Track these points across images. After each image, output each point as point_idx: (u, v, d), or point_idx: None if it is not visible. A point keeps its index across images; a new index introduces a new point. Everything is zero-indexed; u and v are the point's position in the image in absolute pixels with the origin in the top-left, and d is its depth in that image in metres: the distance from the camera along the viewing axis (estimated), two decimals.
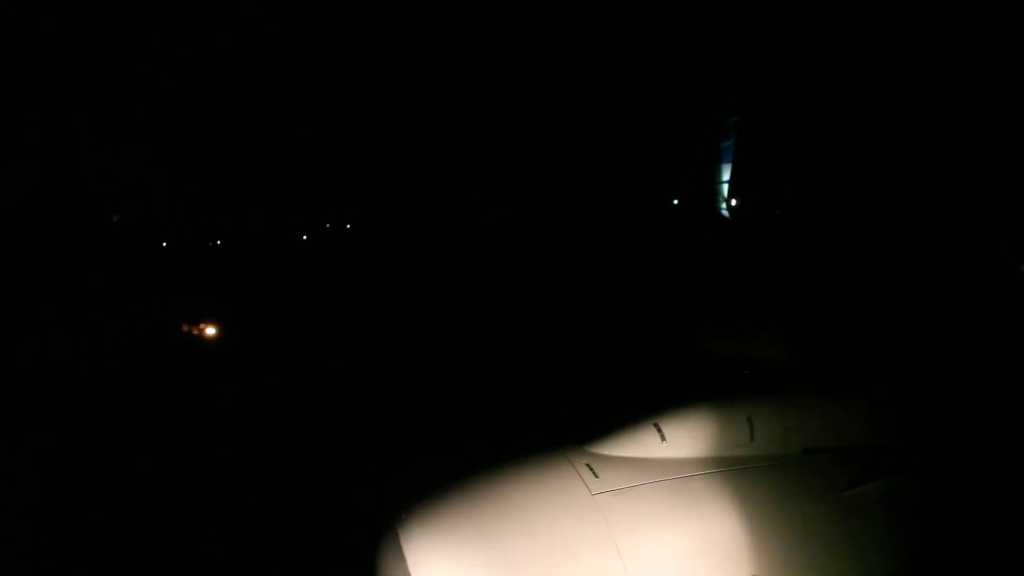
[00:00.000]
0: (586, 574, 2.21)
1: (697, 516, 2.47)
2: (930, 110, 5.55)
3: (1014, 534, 2.76)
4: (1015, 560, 2.71)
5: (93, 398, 7.28)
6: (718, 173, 17.43)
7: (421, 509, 2.34)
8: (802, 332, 5.15)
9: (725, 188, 17.07)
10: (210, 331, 10.74)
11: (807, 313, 5.55)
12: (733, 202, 16.24)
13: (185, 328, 10.64)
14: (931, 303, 4.60)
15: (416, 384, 7.30)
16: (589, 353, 7.20)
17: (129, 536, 4.89)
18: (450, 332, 9.41)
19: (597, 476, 2.44)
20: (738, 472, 2.62)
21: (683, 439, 2.66)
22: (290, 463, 5.82)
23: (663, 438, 2.63)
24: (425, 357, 8.34)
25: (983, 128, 4.99)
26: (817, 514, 2.61)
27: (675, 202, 18.91)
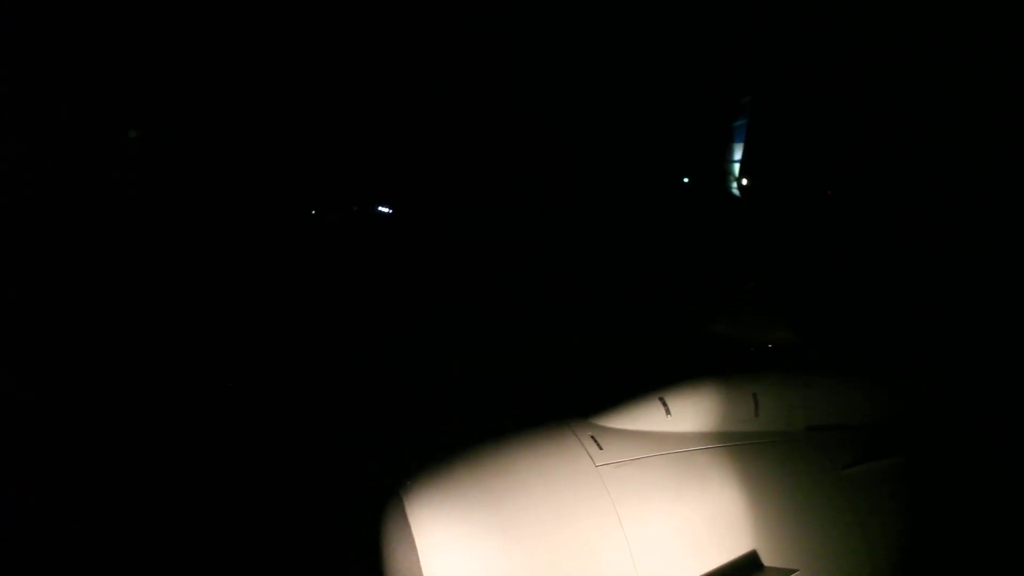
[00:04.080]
0: (588, 543, 2.24)
1: (700, 490, 2.48)
2: (939, 101, 5.49)
3: (1017, 515, 2.77)
4: (1018, 541, 2.72)
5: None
6: (730, 152, 17.29)
7: (426, 477, 2.36)
8: (809, 312, 5.14)
9: (736, 167, 16.94)
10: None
11: (814, 293, 5.54)
12: (744, 181, 16.13)
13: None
14: (937, 284, 4.59)
15: (424, 356, 7.33)
16: (596, 329, 7.21)
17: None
18: (458, 309, 9.42)
19: (601, 448, 2.46)
20: (742, 447, 2.64)
21: (688, 413, 2.67)
22: (293, 429, 5.87)
23: (668, 412, 2.64)
24: (433, 332, 8.37)
25: (991, 119, 4.94)
26: (820, 491, 2.62)
27: (685, 180, 18.80)
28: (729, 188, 17.45)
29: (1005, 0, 4.72)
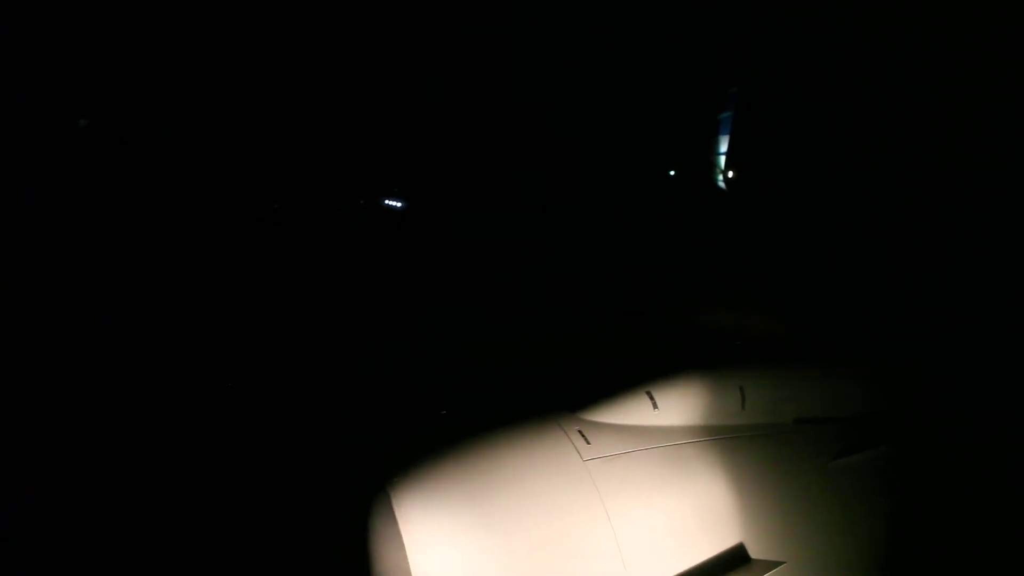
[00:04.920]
0: (576, 537, 2.23)
1: (687, 483, 2.48)
2: (931, 91, 5.51)
3: (1003, 506, 2.80)
4: (1004, 532, 2.74)
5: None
6: (715, 144, 17.29)
7: (412, 472, 2.34)
8: (796, 304, 5.15)
9: (722, 160, 16.96)
10: None
11: (801, 286, 5.56)
12: (730, 174, 16.16)
13: None
14: (926, 274, 4.62)
15: (410, 352, 7.30)
16: (583, 323, 7.20)
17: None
18: (444, 306, 9.40)
19: (589, 442, 2.45)
20: (729, 441, 2.64)
21: (675, 407, 2.67)
22: (283, 424, 5.84)
23: (655, 406, 2.64)
24: (420, 328, 8.34)
25: (984, 114, 4.97)
26: (807, 483, 2.64)
27: (671, 173, 18.81)
28: (715, 180, 17.49)
29: (996, 17, 4.73)
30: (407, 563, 2.11)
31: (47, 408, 6.51)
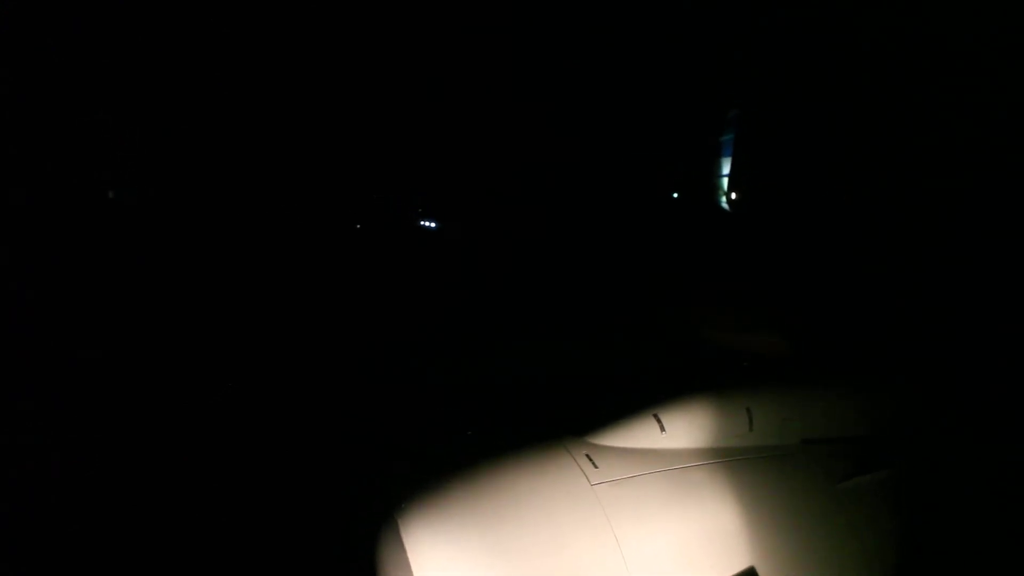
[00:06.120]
0: (584, 563, 2.22)
1: (696, 506, 2.47)
2: (931, 104, 5.54)
3: (1013, 527, 2.77)
4: (1014, 552, 2.72)
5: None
6: (718, 166, 17.36)
7: (421, 498, 2.34)
8: (802, 323, 5.15)
9: (725, 182, 17.02)
10: None
11: (807, 304, 5.55)
12: (733, 195, 16.21)
13: None
14: (931, 295, 4.61)
15: (415, 374, 7.30)
16: (588, 344, 7.19)
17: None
18: (449, 324, 9.42)
19: (596, 466, 2.45)
20: (737, 463, 2.63)
21: (682, 430, 2.66)
22: (289, 451, 5.83)
23: (662, 429, 2.63)
24: (424, 348, 8.35)
25: (984, 124, 4.97)
26: (816, 505, 2.62)
27: (675, 195, 18.87)
28: (718, 202, 17.55)
29: (995, 21, 4.76)
30: None
31: (48, 407, 6.53)
